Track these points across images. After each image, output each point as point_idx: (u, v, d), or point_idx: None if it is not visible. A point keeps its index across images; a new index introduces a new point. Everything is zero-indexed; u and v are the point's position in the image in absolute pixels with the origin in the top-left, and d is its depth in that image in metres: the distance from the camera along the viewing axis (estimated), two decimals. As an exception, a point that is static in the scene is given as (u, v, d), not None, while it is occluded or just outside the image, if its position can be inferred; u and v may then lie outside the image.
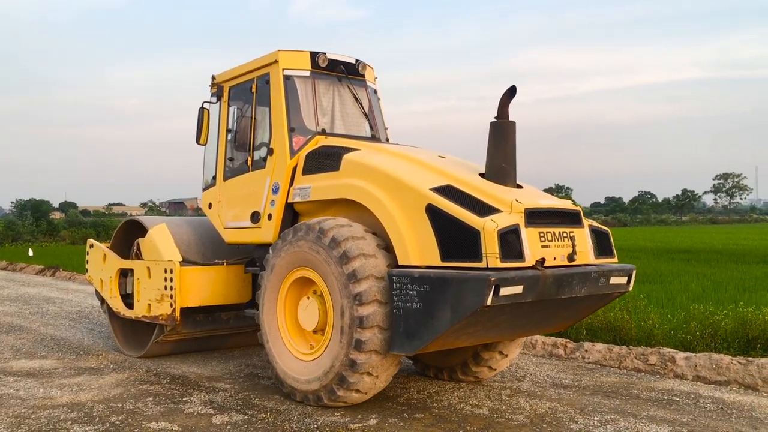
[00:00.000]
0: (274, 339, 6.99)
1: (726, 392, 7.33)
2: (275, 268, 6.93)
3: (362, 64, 8.26)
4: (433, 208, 6.02)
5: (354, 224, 6.52)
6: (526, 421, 6.27)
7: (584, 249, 6.31)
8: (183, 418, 6.40)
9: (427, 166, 6.72)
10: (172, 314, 7.96)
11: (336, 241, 6.26)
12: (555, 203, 6.39)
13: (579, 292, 6.12)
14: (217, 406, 6.78)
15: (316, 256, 6.44)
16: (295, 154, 7.48)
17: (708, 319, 9.21)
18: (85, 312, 13.98)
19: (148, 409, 6.70)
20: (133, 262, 8.80)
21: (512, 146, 6.43)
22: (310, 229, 6.55)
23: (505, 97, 6.43)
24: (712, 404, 6.84)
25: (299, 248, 6.62)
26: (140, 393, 7.32)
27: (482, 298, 5.41)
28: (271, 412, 6.59)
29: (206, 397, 7.15)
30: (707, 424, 6.16)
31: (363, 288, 6.05)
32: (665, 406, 6.75)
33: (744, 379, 7.55)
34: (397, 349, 6.04)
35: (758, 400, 7.03)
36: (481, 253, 5.62)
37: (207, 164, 8.66)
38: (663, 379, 7.92)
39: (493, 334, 6.34)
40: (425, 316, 5.80)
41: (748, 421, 6.29)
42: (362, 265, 6.11)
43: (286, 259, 6.80)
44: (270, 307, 7.03)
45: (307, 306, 6.70)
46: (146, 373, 8.30)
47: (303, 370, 6.67)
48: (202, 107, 8.36)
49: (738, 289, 13.86)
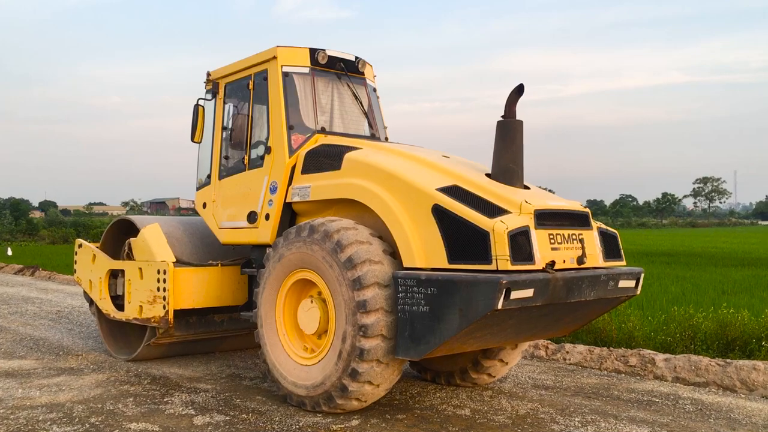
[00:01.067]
0: (272, 342, 6.79)
1: (705, 393, 7.39)
2: (275, 270, 6.73)
3: (362, 62, 8.08)
4: (439, 208, 5.86)
5: (360, 227, 6.32)
6: (508, 422, 6.26)
7: (593, 251, 6.18)
8: (164, 418, 6.34)
9: (432, 166, 6.56)
10: (165, 316, 7.74)
11: (341, 246, 6.06)
12: (564, 204, 6.25)
13: (588, 296, 5.99)
14: (198, 407, 6.71)
15: (320, 259, 6.24)
16: (294, 152, 7.29)
17: (688, 321, 9.29)
18: (65, 312, 13.80)
19: (128, 409, 6.63)
20: (124, 263, 8.56)
21: (519, 146, 6.28)
22: (314, 230, 6.34)
23: (512, 96, 6.28)
24: (691, 405, 6.89)
25: (302, 249, 6.42)
26: (120, 393, 7.23)
27: (493, 302, 5.25)
28: (253, 412, 6.54)
29: (187, 397, 7.07)
30: (686, 425, 6.21)
31: (368, 295, 5.87)
32: (645, 407, 6.79)
33: (722, 380, 7.60)
34: (403, 353, 5.87)
35: (736, 401, 7.08)
36: (490, 256, 5.46)
37: (201, 162, 8.45)
38: (643, 381, 7.97)
39: (500, 338, 6.18)
40: (432, 320, 5.64)
41: (727, 422, 6.34)
42: (368, 272, 5.92)
43: (286, 260, 6.60)
44: (268, 309, 6.83)
45: (309, 309, 6.50)
46: (126, 373, 8.20)
47: (302, 374, 6.48)
48: (197, 104, 8.15)
49: (717, 292, 14.00)
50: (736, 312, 9.20)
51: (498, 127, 6.28)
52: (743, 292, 14.05)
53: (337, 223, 6.33)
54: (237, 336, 9.05)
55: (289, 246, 6.57)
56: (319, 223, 6.37)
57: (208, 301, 7.99)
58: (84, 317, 13.02)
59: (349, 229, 6.24)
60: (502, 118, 6.29)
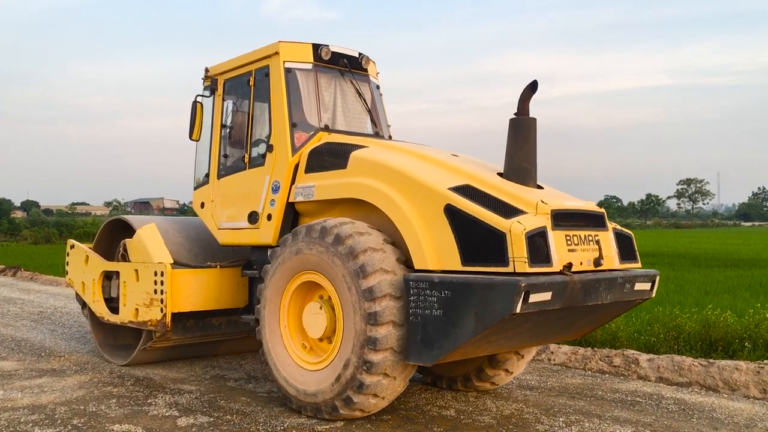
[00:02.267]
0: (276, 346, 6.57)
1: (688, 393, 7.43)
2: (279, 271, 6.50)
3: (365, 58, 7.88)
4: (452, 208, 5.66)
5: (373, 232, 6.08)
6: (493, 423, 6.25)
7: (610, 253, 6.01)
8: (147, 420, 6.28)
9: (442, 164, 6.37)
10: (163, 320, 7.49)
11: (354, 252, 5.81)
12: (580, 204, 6.09)
13: (605, 299, 5.82)
14: (182, 408, 6.65)
15: (330, 263, 6.01)
16: (297, 151, 7.07)
17: (672, 321, 9.31)
18: (47, 313, 13.62)
19: (111, 411, 6.55)
20: (119, 264, 8.30)
21: (533, 144, 6.10)
22: (326, 232, 6.08)
23: (525, 92, 6.11)
24: (674, 405, 6.92)
25: (311, 252, 6.18)
26: (103, 395, 7.15)
27: (511, 305, 5.07)
28: (237, 413, 6.49)
29: (171, 398, 7.01)
30: (669, 425, 6.23)
31: (379, 308, 5.65)
32: (629, 407, 6.81)
33: (705, 380, 7.64)
34: (414, 359, 5.67)
35: (719, 401, 7.12)
36: (507, 257, 5.28)
37: (199, 161, 8.22)
38: (627, 381, 8.01)
39: (514, 342, 6.01)
40: (446, 324, 5.45)
41: (709, 421, 6.37)
42: (380, 282, 5.70)
43: (293, 261, 6.37)
44: (272, 312, 6.61)
45: (315, 313, 6.27)
46: (110, 374, 8.12)
47: (306, 380, 6.26)
48: (196, 101, 7.91)
49: (700, 293, 14.07)
50: (719, 312, 9.24)
51: (511, 125, 6.10)
52: (726, 292, 14.11)
53: (349, 226, 6.07)
54: (235, 339, 8.82)
55: (296, 247, 6.33)
56: (332, 225, 6.11)
57: (207, 304, 7.76)
58: (66, 318, 12.84)
59: (363, 233, 6.00)
60: (515, 115, 6.12)
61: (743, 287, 15.13)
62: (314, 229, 6.20)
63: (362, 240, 5.89)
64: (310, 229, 6.24)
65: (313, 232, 6.20)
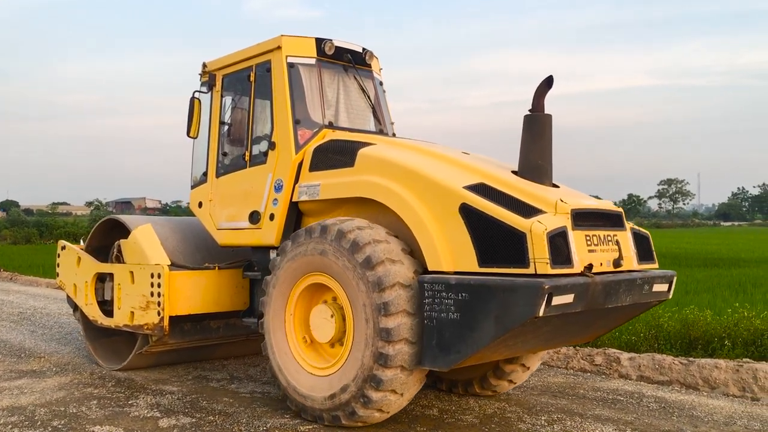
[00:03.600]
0: (282, 351, 6.32)
1: (668, 392, 7.48)
2: (284, 273, 6.26)
3: (369, 53, 7.65)
4: (468, 208, 5.46)
5: (375, 226, 5.89)
6: (476, 422, 6.24)
7: (628, 254, 5.83)
8: (128, 421, 6.22)
9: (454, 162, 6.17)
10: (160, 323, 7.22)
11: (358, 245, 5.62)
12: (599, 204, 5.91)
13: (624, 301, 5.64)
14: (163, 409, 6.60)
15: (335, 261, 5.79)
16: (301, 148, 6.84)
17: (653, 320, 9.31)
18: (27, 313, 13.39)
19: (92, 412, 6.49)
20: (114, 266, 8.01)
21: (548, 141, 5.91)
22: (326, 230, 5.87)
23: (541, 88, 5.91)
24: (654, 403, 6.97)
25: (315, 251, 5.95)
26: (84, 396, 7.06)
27: (533, 308, 4.87)
28: (220, 414, 6.44)
29: (153, 399, 6.95)
30: (650, 423, 6.28)
31: (390, 297, 5.44)
32: (610, 406, 6.85)
33: (685, 378, 7.69)
34: (429, 363, 5.46)
35: (698, 399, 7.18)
36: (527, 258, 5.08)
37: (196, 159, 7.95)
38: (608, 379, 8.04)
39: (531, 345, 5.82)
40: (464, 327, 5.23)
41: (689, 419, 6.42)
42: (388, 271, 5.50)
43: (298, 263, 6.13)
44: (277, 316, 6.36)
45: (323, 315, 6.04)
46: (90, 376, 8.02)
47: (317, 385, 6.03)
48: (194, 97, 7.65)
49: (681, 292, 14.10)
50: (699, 311, 9.26)
51: (525, 122, 5.91)
52: (706, 291, 14.16)
53: (350, 222, 5.89)
54: (233, 343, 8.56)
55: (300, 248, 6.10)
56: (331, 223, 5.92)
57: (206, 307, 7.50)
58: (47, 319, 12.59)
59: (364, 228, 5.81)
60: (529, 111, 5.92)
61: (723, 286, 15.20)
62: (315, 229, 5.99)
63: (365, 233, 5.71)
64: (311, 230, 6.03)
65: (314, 232, 5.99)
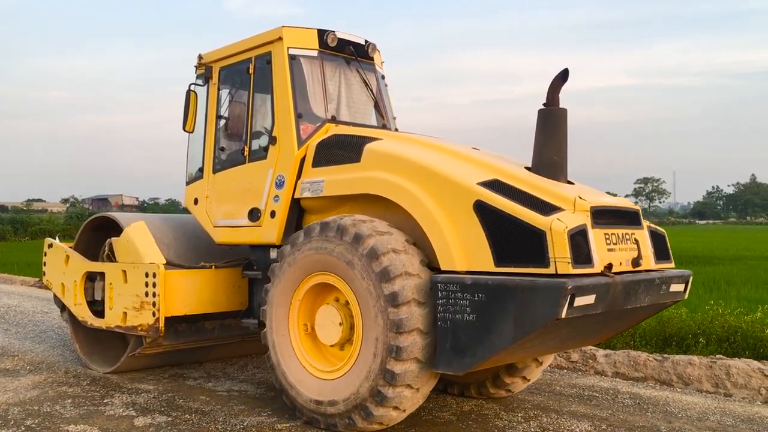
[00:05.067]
0: (285, 353, 6.08)
1: (643, 388, 7.56)
2: (289, 273, 6.01)
3: (372, 46, 7.43)
4: (483, 205, 5.25)
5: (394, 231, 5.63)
6: (453, 419, 6.25)
7: (646, 253, 5.66)
8: (103, 420, 6.16)
9: (466, 158, 5.97)
10: (155, 324, 6.94)
11: (376, 253, 5.35)
12: (617, 201, 5.74)
13: (643, 302, 5.48)
14: (139, 408, 6.55)
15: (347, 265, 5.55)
16: (304, 143, 6.60)
17: None
18: (1, 312, 13.18)
19: (66, 411, 6.41)
20: (105, 265, 7.70)
21: (564, 137, 5.73)
22: (343, 231, 5.60)
23: (556, 82, 5.72)
24: (629, 399, 7.04)
25: (325, 251, 5.70)
26: (58, 395, 6.98)
27: (556, 310, 4.68)
28: (196, 413, 6.40)
29: (128, 398, 6.90)
30: (625, 419, 6.34)
31: (404, 314, 5.21)
32: (586, 402, 6.90)
33: (660, 375, 7.78)
34: (444, 367, 5.25)
35: (672, 395, 7.27)
36: (547, 257, 4.89)
37: (192, 155, 7.68)
38: (584, 376, 8.10)
39: (547, 347, 5.65)
40: (480, 329, 5.03)
41: (663, 415, 6.51)
42: (405, 287, 5.25)
43: (305, 261, 5.88)
44: (280, 316, 6.12)
45: (330, 317, 5.81)
46: (65, 374, 7.94)
47: (320, 390, 5.79)
48: (190, 90, 7.38)
49: None
50: (674, 308, 9.29)
51: (540, 116, 5.72)
52: None
53: (369, 224, 5.60)
54: (228, 344, 8.29)
55: (309, 246, 5.84)
56: (350, 223, 5.62)
57: (202, 307, 7.23)
58: (21, 317, 12.33)
59: (384, 233, 5.54)
60: (543, 106, 5.74)
61: (697, 284, 15.23)
62: (330, 228, 5.73)
63: (384, 240, 5.44)
64: (326, 228, 5.76)
65: (328, 230, 5.73)
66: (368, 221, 5.68)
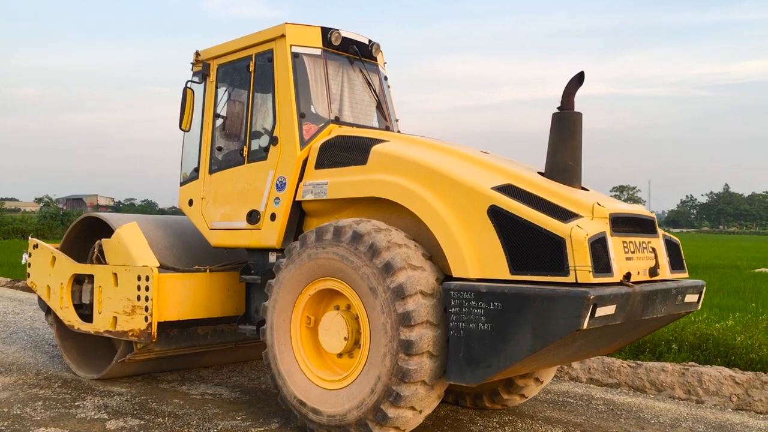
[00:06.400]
0: (287, 363, 5.84)
1: (616, 394, 7.64)
2: (291, 278, 5.79)
3: (375, 46, 7.24)
4: (498, 210, 5.07)
5: (392, 229, 5.46)
6: (428, 424, 6.20)
7: (663, 262, 5.52)
8: (74, 423, 6.08)
9: (476, 162, 5.79)
10: (148, 330, 6.68)
11: (377, 249, 5.18)
12: (635, 209, 5.58)
13: (659, 312, 5.33)
14: (111, 411, 6.46)
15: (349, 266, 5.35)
16: (306, 144, 6.38)
17: None
18: None
19: (36, 414, 6.32)
20: (94, 267, 7.42)
21: (579, 141, 5.57)
22: (340, 232, 5.42)
23: (571, 85, 5.57)
24: (603, 405, 7.10)
25: (327, 255, 5.50)
26: (29, 397, 6.88)
27: (577, 320, 4.51)
28: (169, 416, 6.33)
29: (100, 401, 6.79)
30: (598, 425, 6.39)
31: (411, 306, 5.04)
32: (560, 408, 6.94)
33: (633, 381, 7.85)
34: (456, 377, 5.05)
35: (645, 401, 7.35)
36: (566, 266, 4.72)
37: (187, 154, 7.44)
38: (559, 382, 8.12)
39: (559, 359, 5.49)
40: (496, 340, 4.85)
41: (636, 421, 6.57)
42: (409, 278, 5.08)
43: (307, 266, 5.65)
44: (281, 324, 5.89)
45: (334, 324, 5.59)
46: (36, 376, 7.80)
47: (327, 401, 5.57)
48: (187, 87, 7.14)
49: None
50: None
51: (554, 120, 5.55)
52: None
53: (366, 224, 5.43)
54: (220, 351, 8.03)
55: (310, 251, 5.62)
56: (346, 224, 5.46)
57: (196, 312, 6.99)
58: None
59: (382, 230, 5.37)
60: (558, 109, 5.58)
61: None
62: (327, 231, 5.54)
63: (383, 236, 5.27)
64: (323, 231, 5.57)
65: (325, 233, 5.54)
66: (365, 221, 5.50)
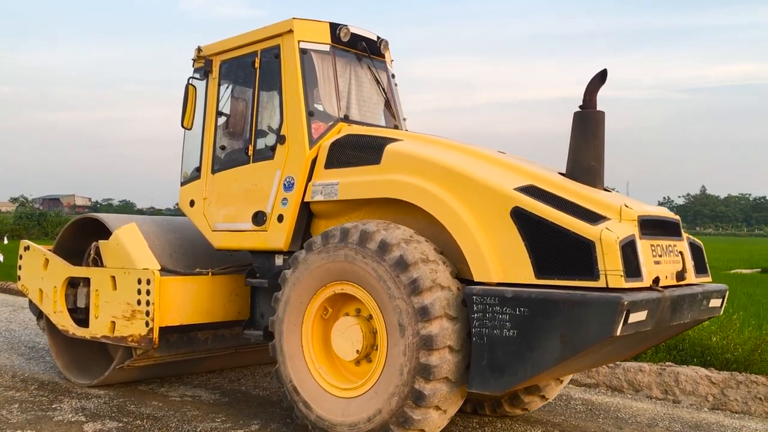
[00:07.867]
0: (298, 371, 5.61)
1: (595, 394, 7.69)
2: (302, 282, 5.56)
3: (384, 43, 7.04)
4: (522, 212, 4.89)
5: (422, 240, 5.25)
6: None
7: (689, 266, 5.36)
8: (52, 426, 6.00)
9: (496, 162, 5.60)
10: (149, 335, 6.42)
11: (405, 263, 4.96)
12: (661, 211, 5.43)
13: (686, 318, 5.17)
14: (89, 414, 6.38)
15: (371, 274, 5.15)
16: (315, 143, 6.17)
17: None
18: None
19: (12, 416, 6.23)
20: (90, 270, 7.13)
21: (601, 141, 5.41)
22: (367, 238, 5.19)
23: (593, 83, 5.41)
24: (581, 405, 7.15)
25: (346, 259, 5.28)
26: (5, 400, 6.76)
27: (610, 327, 4.34)
28: (148, 418, 6.27)
29: (78, 403, 6.70)
30: (577, 425, 6.43)
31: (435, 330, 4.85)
32: (539, 408, 6.81)
33: (611, 381, 7.92)
34: (479, 386, 4.86)
35: (623, 401, 7.43)
36: (596, 270, 4.55)
37: (188, 153, 7.20)
38: None
39: (584, 366, 5.34)
40: (522, 347, 4.67)
41: (614, 421, 6.62)
42: (436, 300, 4.88)
43: (322, 269, 5.44)
44: (292, 330, 5.66)
45: (349, 330, 5.38)
46: (12, 378, 7.65)
47: (341, 410, 5.35)
48: (189, 83, 6.89)
49: None
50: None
51: (576, 119, 5.39)
52: None
53: (395, 232, 5.19)
54: (221, 356, 7.78)
55: (327, 253, 5.41)
56: (374, 230, 5.21)
57: (198, 317, 6.74)
58: None
59: (412, 241, 5.14)
60: (580, 108, 5.41)
61: None
62: (351, 234, 5.31)
63: (412, 249, 5.05)
64: (347, 233, 5.34)
65: (350, 236, 5.30)
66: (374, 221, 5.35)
